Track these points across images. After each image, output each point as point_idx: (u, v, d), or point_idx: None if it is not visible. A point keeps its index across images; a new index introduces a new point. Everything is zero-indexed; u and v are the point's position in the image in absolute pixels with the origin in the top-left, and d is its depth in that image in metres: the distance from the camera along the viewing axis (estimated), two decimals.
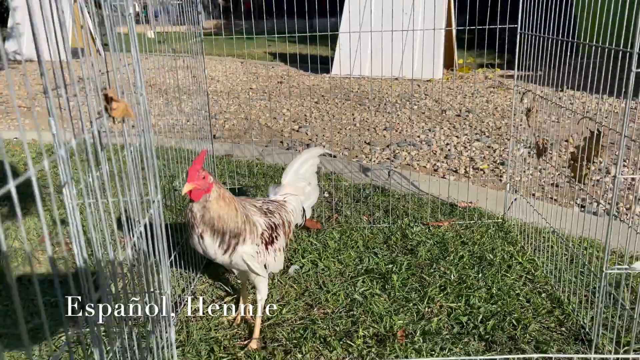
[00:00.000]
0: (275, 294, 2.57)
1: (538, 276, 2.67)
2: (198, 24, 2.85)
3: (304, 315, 2.41)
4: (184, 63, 2.74)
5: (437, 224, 3.28)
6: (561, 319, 2.34)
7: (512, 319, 2.33)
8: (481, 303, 2.44)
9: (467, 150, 4.90)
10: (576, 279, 2.54)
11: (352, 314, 2.40)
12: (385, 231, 3.21)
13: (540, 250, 2.83)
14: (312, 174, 2.71)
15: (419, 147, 5.07)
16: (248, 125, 6.04)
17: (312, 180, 2.70)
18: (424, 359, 2.07)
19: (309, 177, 2.69)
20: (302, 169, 2.66)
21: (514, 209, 3.31)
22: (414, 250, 2.95)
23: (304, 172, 2.67)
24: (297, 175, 2.65)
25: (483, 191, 3.81)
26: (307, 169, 2.69)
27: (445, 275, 2.68)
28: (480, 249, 2.95)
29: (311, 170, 2.71)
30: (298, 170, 2.66)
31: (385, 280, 2.65)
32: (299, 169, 2.66)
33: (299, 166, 2.66)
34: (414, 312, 2.40)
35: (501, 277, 2.66)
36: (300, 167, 2.66)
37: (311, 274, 2.74)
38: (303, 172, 2.67)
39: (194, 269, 2.73)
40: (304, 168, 2.67)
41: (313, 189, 2.71)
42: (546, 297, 2.49)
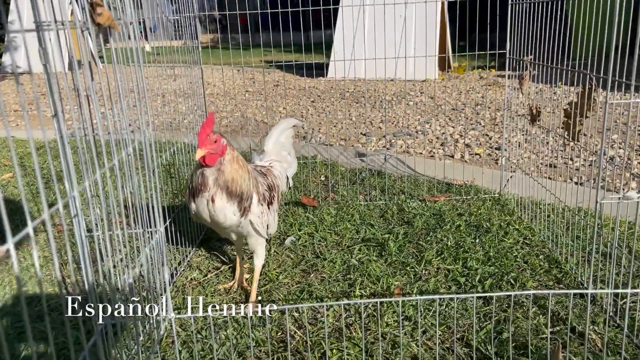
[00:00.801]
0: (271, 262, 2.55)
1: (535, 240, 2.66)
2: (196, 38, 2.93)
3: (300, 280, 2.40)
4: (181, 72, 2.83)
5: (434, 199, 3.28)
6: (559, 277, 2.32)
7: (509, 278, 2.31)
8: (479, 265, 2.42)
9: (463, 139, 4.92)
10: (573, 243, 2.53)
11: (349, 278, 2.38)
12: (382, 207, 3.21)
13: (538, 219, 2.83)
14: (290, 144, 2.76)
15: (415, 137, 5.08)
16: (244, 122, 6.05)
17: (290, 151, 2.75)
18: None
19: (288, 147, 2.73)
20: (282, 137, 2.69)
21: (510, 186, 3.31)
22: (410, 222, 2.94)
23: (284, 140, 2.71)
24: (278, 143, 2.68)
25: (479, 171, 3.81)
26: (287, 136, 2.73)
27: (442, 241, 2.67)
28: (477, 219, 2.94)
29: (289, 140, 2.75)
30: (278, 138, 2.68)
31: (382, 248, 2.63)
32: (279, 137, 2.68)
33: (279, 134, 2.68)
34: (411, 274, 2.39)
35: (499, 241, 2.65)
36: (280, 135, 2.69)
37: (308, 245, 2.73)
38: (283, 140, 2.70)
39: (191, 244, 2.71)
40: (284, 136, 2.71)
41: (293, 159, 2.76)
42: (544, 258, 2.48)
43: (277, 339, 1.97)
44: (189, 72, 2.88)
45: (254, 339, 1.96)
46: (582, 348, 1.81)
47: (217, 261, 2.61)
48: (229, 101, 7.43)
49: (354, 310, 2.12)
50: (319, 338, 1.95)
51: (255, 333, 1.99)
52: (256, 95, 7.88)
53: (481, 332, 1.93)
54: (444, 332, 1.96)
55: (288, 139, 2.74)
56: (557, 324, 1.97)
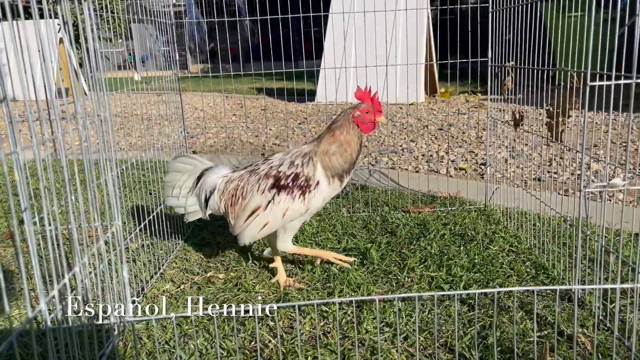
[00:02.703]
0: (249, 273, 2.44)
1: (521, 248, 2.58)
2: (183, 68, 3.04)
3: (278, 290, 2.29)
4: (164, 98, 2.90)
5: (418, 210, 3.20)
6: (546, 282, 2.24)
7: (495, 284, 2.22)
8: (463, 272, 2.33)
9: (449, 155, 4.87)
10: (559, 250, 2.45)
11: (328, 286, 2.28)
12: (365, 218, 3.12)
13: (524, 228, 2.75)
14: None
15: (401, 154, 5.03)
16: (229, 142, 5.99)
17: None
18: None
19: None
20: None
21: (495, 198, 3.25)
22: (393, 232, 2.85)
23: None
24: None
25: (464, 184, 3.75)
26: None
27: (426, 249, 2.58)
28: (462, 228, 2.86)
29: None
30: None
31: (364, 256, 2.54)
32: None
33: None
34: (393, 282, 2.29)
35: (484, 249, 2.56)
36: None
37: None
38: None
39: (164, 256, 2.61)
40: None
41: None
42: (530, 265, 2.39)
43: (249, 349, 1.86)
44: (170, 98, 2.91)
45: (224, 349, 1.84)
46: (571, 351, 1.72)
47: (192, 273, 2.49)
48: (215, 124, 7.39)
49: (332, 318, 2.01)
50: (294, 346, 1.83)
51: (226, 342, 1.88)
52: (243, 118, 7.84)
53: (465, 338, 1.83)
54: (426, 339, 1.85)
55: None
56: (544, 329, 1.88)
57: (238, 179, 2.33)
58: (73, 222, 1.12)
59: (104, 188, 1.48)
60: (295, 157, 2.25)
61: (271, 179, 2.22)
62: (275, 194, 2.19)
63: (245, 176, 2.32)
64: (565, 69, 2.11)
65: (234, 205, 2.29)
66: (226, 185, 2.34)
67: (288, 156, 2.28)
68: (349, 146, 2.20)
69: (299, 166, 2.21)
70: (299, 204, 2.19)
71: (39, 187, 1.35)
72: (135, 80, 2.84)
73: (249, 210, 2.23)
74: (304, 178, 2.19)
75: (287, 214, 2.20)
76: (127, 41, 3.07)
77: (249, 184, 2.27)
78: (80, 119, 1.26)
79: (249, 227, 2.24)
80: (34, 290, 2.29)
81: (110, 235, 1.43)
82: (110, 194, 1.41)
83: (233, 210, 2.30)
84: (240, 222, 2.26)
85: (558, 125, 2.24)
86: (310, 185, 2.19)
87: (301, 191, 2.18)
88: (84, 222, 1.30)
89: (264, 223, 2.22)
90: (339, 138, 2.21)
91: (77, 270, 1.18)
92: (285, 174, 2.21)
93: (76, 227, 1.26)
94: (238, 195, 2.28)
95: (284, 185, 2.19)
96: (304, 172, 2.19)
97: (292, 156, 2.27)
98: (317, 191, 2.20)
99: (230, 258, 2.63)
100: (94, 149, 1.51)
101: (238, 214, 2.27)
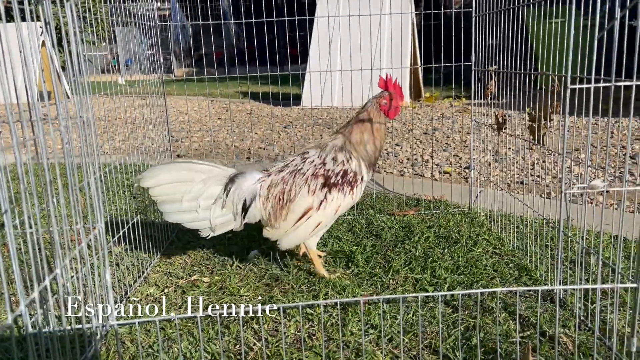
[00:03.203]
0: (233, 276, 2.43)
1: (505, 250, 2.60)
2: (168, 71, 3.01)
3: (263, 293, 2.28)
4: (148, 102, 2.85)
5: (403, 213, 3.21)
6: (529, 284, 2.26)
7: (479, 286, 2.24)
8: (447, 274, 2.34)
9: (433, 159, 4.90)
10: (542, 252, 2.48)
11: (313, 289, 2.28)
12: (350, 221, 3.13)
13: (507, 230, 2.78)
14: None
15: (386, 158, 5.05)
16: (214, 146, 5.97)
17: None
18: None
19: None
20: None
21: (479, 201, 3.28)
22: (379, 235, 2.86)
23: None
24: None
25: (448, 187, 3.77)
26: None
27: (411, 252, 2.60)
28: (446, 230, 2.88)
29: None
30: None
31: (349, 259, 2.54)
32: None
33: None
34: (378, 284, 2.30)
35: (468, 251, 2.58)
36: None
37: (271, 258, 2.62)
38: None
39: (148, 260, 2.58)
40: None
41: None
42: (514, 266, 2.42)
43: (234, 352, 1.85)
44: (154, 102, 2.88)
45: (208, 352, 1.83)
46: (553, 351, 1.73)
47: (176, 277, 2.47)
48: (200, 127, 7.35)
49: (316, 320, 2.01)
50: (279, 349, 1.83)
51: (210, 346, 1.86)
52: (228, 122, 7.82)
53: (449, 339, 1.84)
54: (410, 340, 1.86)
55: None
56: (527, 329, 1.89)
57: (282, 182, 2.28)
58: (55, 225, 1.11)
59: (87, 191, 1.47)
60: (335, 152, 2.29)
61: (320, 178, 2.24)
62: (327, 192, 2.23)
63: (288, 178, 2.28)
64: (547, 72, 2.14)
65: (282, 210, 2.25)
66: (269, 190, 2.28)
67: (326, 152, 2.30)
68: (379, 134, 2.30)
69: (344, 162, 2.26)
70: (349, 198, 2.28)
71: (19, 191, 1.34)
72: (120, 83, 2.83)
73: (299, 212, 2.23)
74: (352, 173, 2.26)
75: (338, 210, 2.27)
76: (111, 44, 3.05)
77: (296, 186, 2.25)
78: (62, 121, 1.25)
79: (299, 229, 2.25)
80: (14, 295, 2.26)
81: (93, 238, 1.42)
82: (93, 197, 1.40)
83: (280, 214, 2.26)
84: (288, 225, 2.25)
85: (540, 129, 2.28)
86: (357, 180, 2.28)
87: (350, 186, 2.26)
88: (66, 225, 1.29)
89: (317, 223, 2.26)
90: (369, 127, 2.28)
91: (59, 272, 1.17)
92: (334, 172, 2.25)
93: (57, 230, 1.25)
94: (285, 199, 2.25)
95: (335, 183, 2.24)
96: (351, 167, 2.27)
97: (331, 152, 2.29)
98: (362, 183, 2.31)
99: (215, 261, 2.62)
100: (77, 152, 1.50)
101: (285, 218, 2.25)
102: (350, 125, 2.33)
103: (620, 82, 1.52)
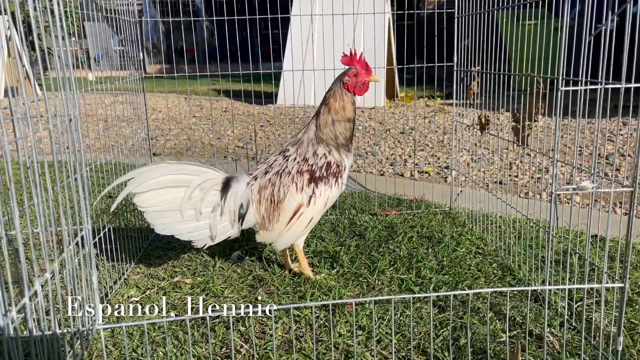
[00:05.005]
0: (216, 278, 2.39)
1: (488, 250, 2.62)
2: (141, 68, 2.92)
3: (247, 294, 2.24)
4: (124, 99, 2.75)
5: (385, 212, 3.21)
6: (513, 283, 2.28)
7: (464, 286, 2.25)
8: (432, 274, 2.35)
9: (412, 158, 4.93)
10: (525, 251, 2.51)
11: (299, 290, 2.25)
12: (333, 221, 3.11)
13: (489, 231, 2.80)
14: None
15: (365, 157, 5.05)
16: (190, 144, 5.88)
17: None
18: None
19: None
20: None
21: (460, 200, 3.30)
22: (362, 235, 2.85)
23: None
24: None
25: (429, 187, 3.79)
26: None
27: (395, 252, 2.59)
28: (429, 230, 2.89)
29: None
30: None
31: (334, 260, 2.52)
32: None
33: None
34: (364, 285, 2.29)
35: (451, 251, 2.59)
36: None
37: (255, 259, 2.59)
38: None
39: (128, 261, 2.52)
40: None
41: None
42: (497, 266, 2.44)
43: (220, 355, 1.81)
44: (132, 98, 2.79)
45: (195, 356, 1.79)
46: (540, 351, 1.75)
47: (158, 278, 2.42)
48: (175, 125, 7.24)
49: (304, 322, 1.99)
50: (267, 351, 1.80)
51: (196, 349, 1.82)
52: (203, 120, 7.72)
53: (437, 340, 1.84)
54: (399, 341, 1.85)
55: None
56: (513, 329, 1.91)
57: (270, 184, 2.23)
58: (41, 227, 1.06)
59: (73, 191, 1.41)
60: (313, 145, 2.26)
61: (306, 174, 2.22)
62: (314, 187, 2.21)
63: (275, 179, 2.24)
64: (532, 74, 2.16)
65: (274, 212, 2.21)
66: (260, 193, 2.23)
67: (304, 147, 2.27)
68: (344, 112, 2.26)
69: (326, 155, 2.24)
70: (335, 189, 2.28)
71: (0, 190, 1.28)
72: (90, 80, 2.74)
73: (291, 211, 2.20)
74: (335, 165, 2.25)
75: (327, 202, 2.27)
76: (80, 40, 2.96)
77: (283, 186, 2.21)
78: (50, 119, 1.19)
79: (292, 228, 2.22)
80: None
81: (80, 240, 1.36)
82: (80, 197, 1.34)
83: (273, 216, 2.22)
84: (281, 226, 2.21)
85: (524, 129, 2.30)
86: (341, 169, 2.27)
87: (335, 177, 2.25)
88: (55, 227, 1.23)
89: (310, 218, 2.24)
90: (333, 105, 2.26)
91: (49, 277, 1.12)
92: (317, 166, 2.23)
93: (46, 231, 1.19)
94: (275, 200, 2.21)
95: (320, 176, 2.22)
96: (334, 158, 2.25)
97: (309, 145, 2.27)
98: (345, 171, 2.30)
99: (196, 262, 2.56)
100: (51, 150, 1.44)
101: (278, 219, 2.22)
102: (318, 112, 2.30)
103: (610, 85, 1.53)
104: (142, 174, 2.05)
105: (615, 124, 6.19)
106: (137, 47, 2.89)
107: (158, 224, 2.08)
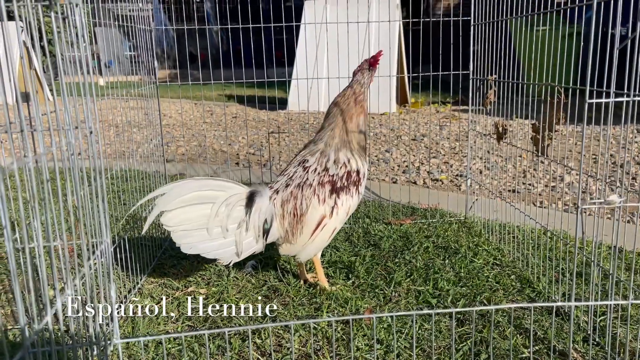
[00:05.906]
0: (231, 288, 2.37)
1: (505, 261, 2.58)
2: (153, 73, 2.91)
3: (262, 305, 2.22)
4: (137, 104, 2.73)
5: (400, 222, 3.18)
6: (532, 296, 2.24)
7: (482, 298, 2.21)
8: (450, 286, 2.31)
9: (424, 166, 4.89)
10: (544, 263, 2.47)
11: (314, 301, 2.23)
12: (347, 230, 3.08)
13: (506, 241, 2.76)
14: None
15: (377, 165, 5.02)
16: (202, 150, 5.88)
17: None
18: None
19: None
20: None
21: (475, 209, 3.26)
22: (377, 244, 2.82)
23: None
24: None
25: (443, 195, 3.76)
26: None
27: (411, 263, 2.56)
28: (444, 240, 2.85)
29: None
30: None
31: (349, 270, 2.50)
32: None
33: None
34: (380, 296, 2.26)
35: (469, 262, 2.56)
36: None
37: (269, 269, 2.57)
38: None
39: (142, 271, 2.50)
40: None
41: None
42: (515, 278, 2.40)
43: None
44: (145, 104, 2.78)
45: None
46: None
47: (172, 288, 2.40)
48: (186, 131, 7.25)
49: (321, 335, 1.96)
50: None
51: None
52: (214, 126, 7.72)
53: (457, 354, 1.81)
54: (419, 355, 1.82)
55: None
56: (535, 344, 1.87)
57: (292, 197, 2.20)
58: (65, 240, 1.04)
59: (94, 202, 1.40)
60: (335, 153, 2.24)
61: (327, 185, 2.20)
62: (336, 198, 2.20)
63: (297, 192, 2.20)
64: (552, 84, 2.13)
65: (297, 225, 2.19)
66: (283, 207, 2.20)
67: (325, 156, 2.25)
68: (360, 112, 2.29)
69: (346, 164, 2.23)
70: (356, 197, 2.27)
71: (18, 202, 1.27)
72: (100, 85, 2.73)
73: (314, 224, 2.18)
74: (355, 173, 2.24)
75: (349, 211, 2.26)
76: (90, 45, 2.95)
77: (306, 199, 2.18)
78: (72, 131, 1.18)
79: (316, 240, 2.20)
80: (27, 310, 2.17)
81: (99, 254, 1.35)
82: (100, 209, 1.33)
83: (296, 229, 2.19)
84: (305, 238, 2.19)
85: (544, 140, 2.26)
86: (360, 177, 2.27)
87: (356, 186, 2.25)
88: (75, 240, 1.22)
89: (333, 229, 2.23)
90: (355, 111, 2.28)
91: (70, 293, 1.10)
92: (338, 176, 2.21)
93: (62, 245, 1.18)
94: (298, 213, 2.18)
95: (341, 186, 2.21)
96: (352, 167, 2.24)
97: (329, 154, 2.25)
98: (364, 178, 2.30)
99: (210, 272, 2.55)
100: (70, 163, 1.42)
101: (302, 232, 2.19)
102: (344, 119, 2.27)
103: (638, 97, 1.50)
104: (170, 190, 2.01)
105: (629, 131, 6.13)
106: (150, 54, 2.88)
107: (184, 243, 2.03)
